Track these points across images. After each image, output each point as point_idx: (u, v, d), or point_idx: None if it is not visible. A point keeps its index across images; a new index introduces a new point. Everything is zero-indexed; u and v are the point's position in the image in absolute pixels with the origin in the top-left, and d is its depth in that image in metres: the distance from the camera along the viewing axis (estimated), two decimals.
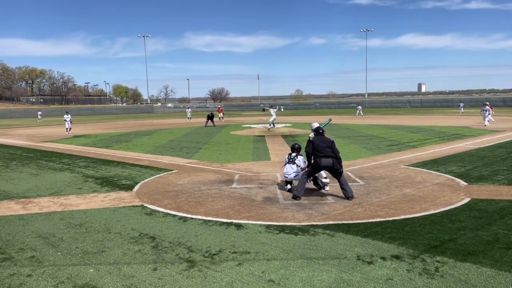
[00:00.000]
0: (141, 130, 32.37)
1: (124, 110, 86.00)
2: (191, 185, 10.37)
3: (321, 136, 9.17)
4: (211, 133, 27.10)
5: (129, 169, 13.19)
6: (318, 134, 9.22)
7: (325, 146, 8.81)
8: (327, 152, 8.73)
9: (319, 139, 9.07)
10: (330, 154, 8.74)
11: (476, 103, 75.41)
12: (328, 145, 8.83)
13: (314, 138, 9.08)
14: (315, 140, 9.00)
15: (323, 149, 8.77)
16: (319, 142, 8.92)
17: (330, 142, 8.89)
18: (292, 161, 9.53)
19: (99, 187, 10.48)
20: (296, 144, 10.00)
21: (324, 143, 8.88)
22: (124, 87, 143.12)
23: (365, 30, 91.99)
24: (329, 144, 8.84)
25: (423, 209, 7.68)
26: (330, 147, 8.79)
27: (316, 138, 9.13)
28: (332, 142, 8.90)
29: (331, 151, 8.75)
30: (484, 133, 22.48)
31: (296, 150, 9.77)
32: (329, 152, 8.75)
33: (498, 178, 10.34)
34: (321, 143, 8.89)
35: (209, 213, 7.72)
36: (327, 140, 8.97)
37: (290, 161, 9.56)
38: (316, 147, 8.86)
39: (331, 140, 8.96)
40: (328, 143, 8.87)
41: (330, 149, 8.77)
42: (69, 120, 30.55)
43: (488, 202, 8.08)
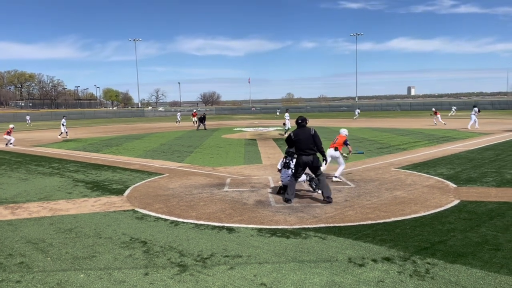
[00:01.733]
0: (132, 134, 32.19)
1: (114, 114, 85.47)
2: (183, 189, 10.34)
3: (302, 128, 8.62)
4: (203, 137, 27.05)
5: (119, 173, 13.10)
6: (300, 126, 8.66)
7: (306, 141, 8.36)
8: (308, 147, 8.35)
9: (299, 132, 8.57)
10: (310, 150, 8.36)
11: (465, 106, 76.29)
12: (309, 139, 8.35)
13: (294, 132, 8.66)
14: (296, 134, 8.55)
15: (304, 144, 8.39)
16: (300, 136, 8.45)
17: (310, 135, 8.37)
18: (287, 165, 9.57)
19: (89, 191, 10.40)
20: (291, 149, 9.99)
21: (305, 137, 8.37)
22: (114, 91, 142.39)
23: (355, 34, 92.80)
24: (310, 138, 8.35)
25: (413, 211, 7.74)
26: (311, 141, 8.33)
27: (297, 131, 8.64)
28: (313, 135, 8.40)
29: (312, 146, 8.35)
30: (473, 136, 22.74)
31: (290, 155, 9.79)
32: (310, 147, 8.34)
33: (487, 180, 10.47)
34: (302, 137, 8.40)
35: (201, 217, 7.70)
36: (308, 132, 8.41)
37: (285, 165, 9.60)
38: (297, 142, 8.46)
39: (311, 132, 8.42)
40: (309, 136, 8.37)
41: (311, 144, 8.34)
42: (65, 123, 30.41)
43: (477, 204, 8.17)
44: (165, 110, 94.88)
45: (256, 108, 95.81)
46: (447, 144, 19.11)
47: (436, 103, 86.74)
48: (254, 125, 41.14)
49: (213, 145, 21.51)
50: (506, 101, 74.93)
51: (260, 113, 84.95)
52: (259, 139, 24.59)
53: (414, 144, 19.65)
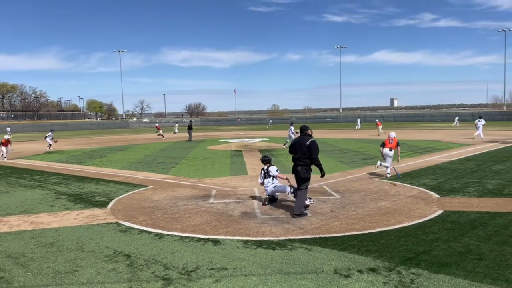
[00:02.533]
0: (116, 145, 31.85)
1: (98, 126, 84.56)
2: (168, 201, 10.24)
3: (301, 137, 8.56)
4: (188, 148, 26.92)
5: (103, 185, 12.92)
6: (302, 134, 8.59)
7: (300, 151, 8.34)
8: (300, 158, 8.33)
9: (297, 141, 8.57)
10: (301, 161, 8.30)
11: (447, 117, 77.76)
12: (303, 149, 8.29)
13: (294, 140, 8.77)
14: (294, 142, 8.65)
15: (297, 153, 8.39)
16: (297, 145, 8.46)
17: (305, 146, 8.27)
18: (267, 174, 9.60)
19: (72, 204, 10.22)
20: (265, 156, 10.04)
21: (300, 147, 8.35)
22: (98, 102, 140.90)
23: (339, 47, 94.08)
24: (304, 148, 8.28)
25: (398, 221, 7.81)
26: (304, 152, 8.28)
27: (296, 139, 8.68)
28: (307, 146, 8.26)
29: (305, 157, 8.28)
30: (455, 147, 23.15)
31: (267, 162, 9.83)
32: (302, 158, 8.29)
33: (469, 190, 10.64)
34: (298, 146, 8.41)
35: (186, 229, 7.62)
36: (304, 143, 8.34)
37: (265, 175, 9.62)
38: (293, 151, 8.50)
39: (306, 143, 8.30)
40: (304, 146, 8.29)
41: (304, 154, 8.28)
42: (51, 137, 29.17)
43: (460, 214, 8.29)
44: (150, 121, 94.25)
45: (241, 119, 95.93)
46: (430, 155, 19.40)
47: (419, 114, 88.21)
48: (239, 136, 41.15)
49: (198, 157, 21.41)
50: (486, 113, 76.57)
51: (246, 124, 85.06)
52: (244, 150, 24.59)
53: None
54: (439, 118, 77.95)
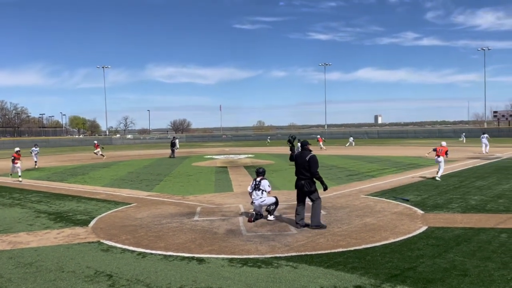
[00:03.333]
0: (99, 162, 31.39)
1: (81, 142, 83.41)
2: (151, 219, 10.07)
3: (301, 152, 8.81)
4: (172, 165, 26.68)
5: (85, 203, 12.66)
6: (303, 149, 8.85)
7: (301, 165, 8.59)
8: (301, 172, 8.59)
9: (298, 156, 8.77)
10: (302, 175, 8.54)
11: (430, 134, 79.10)
12: (304, 163, 8.53)
13: (296, 155, 8.88)
14: (295, 157, 8.82)
15: (298, 168, 8.65)
16: (298, 160, 8.71)
17: (305, 161, 8.53)
18: (257, 187, 9.56)
19: (52, 223, 9.96)
20: (260, 168, 10.03)
21: (301, 161, 8.60)
22: (81, 118, 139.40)
23: (324, 64, 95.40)
24: (305, 163, 8.51)
25: (383, 238, 7.81)
26: (304, 166, 8.51)
27: (297, 154, 8.86)
28: (307, 160, 8.50)
29: (305, 171, 8.51)
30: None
31: (261, 174, 9.80)
32: (303, 172, 8.55)
33: (453, 206, 10.74)
34: (299, 161, 8.65)
35: (170, 248, 7.48)
36: (304, 158, 8.58)
37: (255, 187, 9.58)
38: (295, 165, 8.74)
39: (306, 158, 8.54)
40: (304, 162, 8.54)
41: (304, 169, 8.52)
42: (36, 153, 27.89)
43: (444, 230, 8.34)
44: (133, 137, 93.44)
45: (227, 135, 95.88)
46: (414, 171, 19.61)
47: (402, 131, 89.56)
48: (225, 152, 41.03)
49: (183, 173, 21.22)
50: (468, 129, 78.19)
51: (231, 141, 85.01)
52: (230, 166, 24.50)
53: (382, 171, 20.07)
54: (422, 134, 79.24)
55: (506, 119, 74.04)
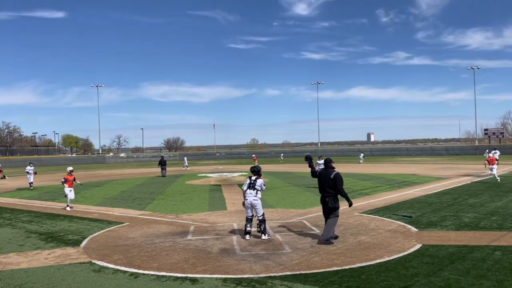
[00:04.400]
0: (91, 181, 31.14)
1: (73, 161, 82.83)
2: (144, 238, 9.95)
3: (325, 170, 9.11)
4: (165, 183, 26.52)
5: (77, 223, 12.50)
6: (326, 167, 9.16)
7: (325, 183, 8.87)
8: (325, 189, 8.86)
9: (322, 173, 9.07)
10: (326, 192, 8.82)
11: (422, 151, 79.66)
12: (328, 181, 8.83)
13: (320, 172, 9.14)
14: (319, 174, 9.09)
15: (322, 185, 8.91)
16: (322, 177, 8.99)
17: (330, 179, 8.84)
18: (252, 185, 9.55)
19: (43, 243, 9.81)
20: (256, 167, 10.02)
21: (325, 179, 8.89)
22: (74, 137, 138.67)
23: (316, 83, 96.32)
24: (329, 181, 8.83)
25: (378, 256, 7.77)
26: (329, 184, 8.81)
27: (320, 171, 9.14)
28: (332, 179, 8.80)
29: (329, 188, 8.81)
30: (431, 180, 23.58)
31: (256, 173, 9.80)
32: (326, 190, 8.83)
33: (446, 224, 10.75)
34: (323, 178, 8.93)
35: (163, 268, 7.38)
36: (328, 175, 8.90)
37: (250, 185, 9.58)
38: (320, 183, 8.98)
39: (331, 176, 8.85)
40: (328, 179, 8.85)
41: (329, 186, 8.81)
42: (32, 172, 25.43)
43: (438, 247, 8.33)
44: (127, 156, 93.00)
45: (221, 153, 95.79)
46: (407, 188, 19.66)
47: (395, 148, 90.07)
48: (218, 170, 40.92)
49: (176, 192, 21.08)
50: (459, 147, 78.86)
51: (225, 159, 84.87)
52: (224, 184, 24.40)
53: (375, 188, 20.09)
54: (415, 152, 79.74)
55: (496, 136, 74.83)
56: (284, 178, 28.24)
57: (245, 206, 9.72)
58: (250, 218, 9.61)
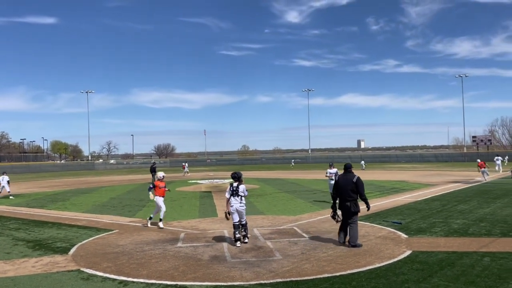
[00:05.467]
0: (80, 188, 30.82)
1: (62, 167, 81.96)
2: (133, 246, 9.86)
3: (345, 175, 9.23)
4: None
5: (65, 230, 12.35)
6: (346, 172, 9.26)
7: (346, 187, 8.97)
8: (347, 194, 8.95)
9: (343, 178, 9.17)
10: (349, 197, 8.93)
11: (411, 158, 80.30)
12: (349, 185, 8.96)
13: (339, 177, 9.26)
14: (339, 179, 9.21)
15: (343, 190, 9.00)
16: (341, 182, 9.09)
17: (352, 182, 8.98)
18: (235, 192, 9.52)
19: (30, 251, 9.66)
20: (235, 173, 9.99)
21: (346, 183, 9.00)
22: (63, 143, 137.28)
23: (307, 90, 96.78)
24: (350, 184, 8.96)
25: (368, 262, 7.79)
26: (351, 188, 8.94)
27: (340, 176, 9.24)
28: (355, 182, 8.96)
29: (351, 193, 8.94)
30: (420, 187, 23.76)
31: (237, 179, 9.76)
32: (349, 194, 8.94)
33: (436, 230, 10.82)
34: (343, 183, 9.04)
35: (152, 276, 7.31)
36: (350, 179, 9.03)
37: (233, 193, 9.54)
38: (339, 189, 9.07)
39: (353, 180, 8.99)
40: (350, 183, 8.98)
41: (351, 190, 8.94)
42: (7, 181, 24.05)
43: (428, 254, 8.38)
44: (117, 162, 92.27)
45: (211, 160, 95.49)
46: (397, 195, 19.78)
47: (385, 155, 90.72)
48: (209, 177, 40.78)
49: (166, 198, 20.83)
50: (448, 154, 79.68)
51: (216, 165, 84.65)
52: (214, 191, 24.31)
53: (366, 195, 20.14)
54: (404, 159, 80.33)
55: (484, 143, 75.74)
56: (275, 185, 28.24)
57: (230, 213, 9.65)
58: (237, 224, 9.58)
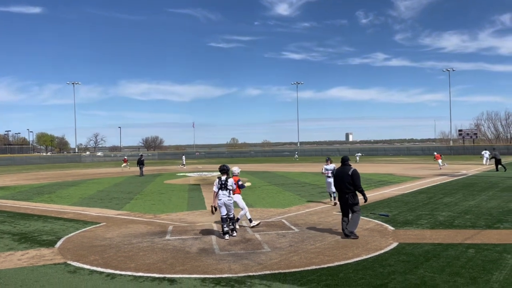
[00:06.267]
0: (67, 180, 30.50)
1: (48, 160, 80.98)
2: (121, 239, 9.80)
3: (342, 167, 9.30)
4: (144, 183, 26.20)
5: (51, 223, 12.22)
6: (343, 164, 9.35)
7: (343, 180, 9.06)
8: (345, 186, 9.04)
9: (340, 171, 9.25)
10: (346, 189, 9.02)
11: (398, 151, 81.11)
12: (346, 178, 9.04)
13: (337, 171, 9.33)
14: (336, 172, 9.31)
15: (340, 182, 9.09)
16: (339, 175, 9.18)
17: (348, 174, 9.06)
18: (224, 186, 9.50)
19: (16, 244, 9.54)
20: (223, 166, 9.93)
21: (343, 176, 9.09)
22: (49, 135, 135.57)
23: (296, 83, 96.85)
24: (347, 177, 9.04)
25: (355, 254, 7.87)
26: (348, 181, 9.01)
27: (338, 170, 9.33)
28: (350, 175, 9.03)
29: (348, 185, 9.01)
30: (407, 180, 24.03)
31: (225, 172, 9.73)
32: (347, 187, 9.03)
33: (422, 222, 10.97)
34: (340, 176, 9.13)
35: (140, 268, 7.28)
36: (346, 172, 9.11)
37: (222, 186, 9.51)
38: (337, 181, 9.17)
39: (349, 173, 9.07)
40: (347, 176, 9.06)
41: (348, 182, 9.01)
42: None
43: (414, 246, 8.49)
44: (104, 155, 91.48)
45: (200, 152, 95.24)
46: (384, 188, 19.98)
47: (372, 148, 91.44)
48: (198, 170, 40.67)
49: (154, 191, 20.85)
50: (435, 147, 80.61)
51: (205, 158, 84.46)
52: (203, 184, 24.27)
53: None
54: (391, 152, 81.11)
55: (470, 137, 76.80)
56: (264, 178, 28.30)
57: (217, 207, 9.64)
58: (225, 218, 9.57)
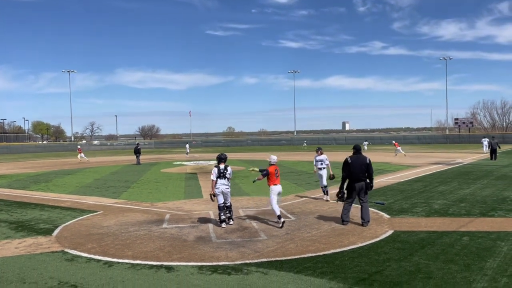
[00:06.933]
0: (63, 169, 30.46)
1: (44, 148, 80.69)
2: (118, 227, 9.84)
3: (357, 156, 9.45)
4: (141, 171, 26.21)
5: (48, 211, 12.23)
6: (357, 153, 9.50)
7: (360, 168, 9.21)
8: (362, 175, 9.21)
9: (355, 159, 9.36)
10: (363, 176, 9.20)
11: (394, 140, 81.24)
12: (363, 166, 9.23)
13: (352, 159, 9.38)
14: (352, 160, 9.35)
15: (359, 171, 9.20)
16: (356, 164, 9.28)
17: (366, 163, 9.24)
18: (223, 175, 9.51)
19: (13, 232, 9.56)
20: (222, 154, 9.92)
21: (361, 165, 9.23)
22: (45, 124, 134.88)
23: (293, 71, 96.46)
24: (364, 166, 9.24)
25: (351, 242, 7.94)
26: (364, 169, 9.22)
27: (354, 158, 9.40)
28: (367, 164, 9.25)
29: (364, 173, 9.22)
30: (402, 168, 24.14)
31: (223, 161, 9.73)
32: (363, 174, 9.21)
33: (417, 211, 11.06)
34: (358, 164, 9.24)
35: (138, 256, 7.33)
36: (363, 160, 9.29)
37: (220, 175, 9.52)
38: (353, 169, 9.24)
39: (366, 162, 9.27)
40: (364, 164, 9.24)
41: (364, 171, 9.23)
42: None
43: (409, 233, 8.57)
44: (100, 143, 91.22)
45: (197, 141, 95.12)
46: (380, 176, 20.07)
47: (369, 137, 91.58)
48: (194, 158, 40.69)
49: (151, 180, 20.87)
50: (431, 136, 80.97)
51: (201, 147, 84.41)
52: (199, 172, 24.31)
53: None
54: (388, 141, 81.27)
55: (466, 126, 77.06)
56: (260, 166, 28.31)
57: (216, 195, 9.64)
58: (222, 206, 9.61)
